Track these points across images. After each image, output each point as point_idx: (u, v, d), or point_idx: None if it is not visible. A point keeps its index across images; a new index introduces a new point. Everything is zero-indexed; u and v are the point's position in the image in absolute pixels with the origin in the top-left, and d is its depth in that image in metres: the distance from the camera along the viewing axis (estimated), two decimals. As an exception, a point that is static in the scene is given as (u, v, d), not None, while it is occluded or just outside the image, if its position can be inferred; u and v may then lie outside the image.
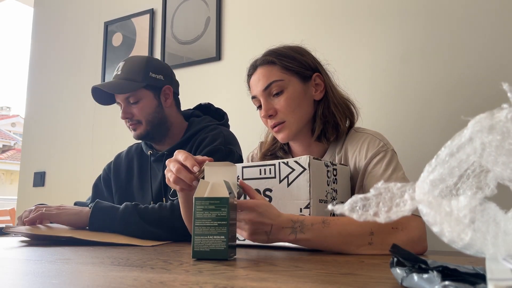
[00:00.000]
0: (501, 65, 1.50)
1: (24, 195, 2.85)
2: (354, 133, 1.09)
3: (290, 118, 1.07)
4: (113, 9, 2.65)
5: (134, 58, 1.42)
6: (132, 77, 1.35)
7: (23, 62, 33.22)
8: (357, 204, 0.39)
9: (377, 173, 0.98)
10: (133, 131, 1.39)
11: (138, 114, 1.37)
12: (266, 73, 1.08)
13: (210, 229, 0.71)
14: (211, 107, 1.54)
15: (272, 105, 1.07)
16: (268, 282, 0.50)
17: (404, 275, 0.45)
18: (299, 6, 1.97)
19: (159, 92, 1.40)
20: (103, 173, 1.55)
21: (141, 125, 1.37)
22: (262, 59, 1.10)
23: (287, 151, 1.19)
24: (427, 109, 1.61)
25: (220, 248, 0.70)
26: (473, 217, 0.35)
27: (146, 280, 0.51)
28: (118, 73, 1.38)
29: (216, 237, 0.70)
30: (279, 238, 0.80)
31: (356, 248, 0.81)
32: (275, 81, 1.06)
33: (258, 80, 1.09)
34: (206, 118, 1.47)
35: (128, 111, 1.37)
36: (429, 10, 1.66)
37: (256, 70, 1.10)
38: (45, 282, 0.52)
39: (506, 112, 0.34)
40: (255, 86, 1.10)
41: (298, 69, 1.08)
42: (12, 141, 16.74)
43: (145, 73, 1.37)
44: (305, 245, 0.82)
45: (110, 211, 1.17)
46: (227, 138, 1.36)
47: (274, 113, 1.07)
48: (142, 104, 1.37)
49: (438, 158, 0.37)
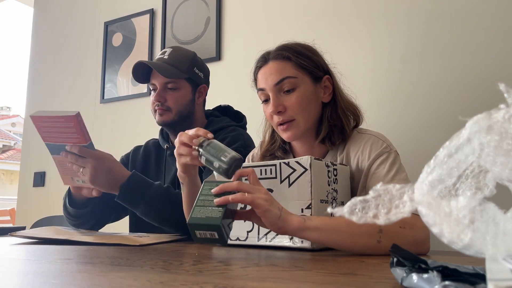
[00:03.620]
0: (500, 65, 1.50)
1: (24, 195, 2.86)
2: (356, 134, 1.09)
3: (299, 117, 1.05)
4: (113, 9, 2.65)
5: (182, 48, 1.45)
6: (178, 65, 1.37)
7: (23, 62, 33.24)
8: (356, 206, 0.39)
9: (380, 174, 0.97)
10: (159, 116, 1.38)
11: (171, 101, 1.37)
12: (280, 68, 1.05)
13: (211, 202, 0.75)
14: (230, 109, 1.56)
15: (282, 101, 1.04)
16: (268, 282, 0.50)
17: (404, 275, 0.45)
18: (299, 6, 1.97)
19: (196, 88, 1.43)
20: (120, 161, 1.52)
21: (170, 113, 1.38)
22: (277, 53, 1.07)
23: (288, 150, 1.17)
24: (427, 109, 1.61)
25: (215, 216, 0.73)
26: (472, 218, 0.35)
27: (146, 280, 0.51)
28: (164, 57, 1.39)
29: (214, 208, 0.74)
30: (289, 219, 0.77)
31: (364, 246, 0.79)
32: (288, 77, 1.04)
33: (269, 74, 1.06)
34: (225, 118, 1.49)
35: (163, 95, 1.37)
36: (429, 11, 1.66)
37: (268, 63, 1.07)
38: (45, 282, 0.52)
39: (503, 113, 0.34)
40: (265, 79, 1.06)
41: (311, 68, 1.07)
42: (12, 141, 16.74)
43: (190, 66, 1.40)
44: (313, 235, 0.79)
45: (144, 184, 1.19)
46: (246, 141, 1.38)
47: (283, 109, 1.04)
48: (179, 94, 1.38)
49: (437, 159, 0.37)
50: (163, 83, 1.37)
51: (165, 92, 1.37)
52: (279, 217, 0.77)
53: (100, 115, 2.59)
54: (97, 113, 2.60)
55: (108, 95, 2.59)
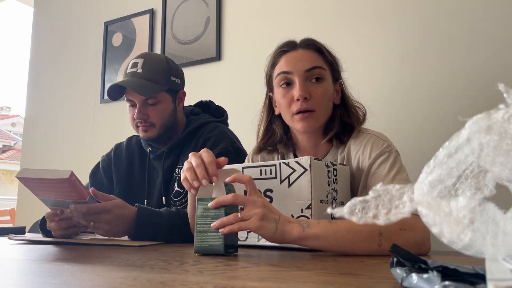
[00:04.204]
0: (500, 66, 1.50)
1: (24, 195, 2.85)
2: (357, 133, 1.09)
3: (320, 110, 1.05)
4: (113, 9, 2.65)
5: (153, 56, 1.36)
6: (155, 78, 1.30)
7: (23, 62, 33.25)
8: (356, 206, 0.39)
9: (381, 174, 0.97)
10: (143, 133, 1.33)
11: (154, 117, 1.32)
12: (312, 56, 1.05)
13: (209, 226, 0.77)
14: (211, 104, 1.53)
15: (308, 88, 1.03)
16: (268, 282, 0.50)
17: (404, 275, 0.45)
18: (298, 6, 1.97)
19: (175, 96, 1.38)
20: (102, 162, 1.49)
21: (154, 128, 1.33)
22: (309, 42, 1.08)
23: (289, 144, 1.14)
24: (427, 110, 1.61)
25: (217, 244, 0.76)
26: (472, 218, 0.35)
27: (146, 280, 0.51)
28: (138, 70, 1.30)
29: (214, 234, 0.77)
30: (287, 230, 0.77)
31: (365, 250, 0.79)
32: (319, 67, 1.05)
33: (300, 59, 1.04)
34: (204, 115, 1.46)
35: (144, 112, 1.31)
36: (429, 11, 1.66)
37: (298, 50, 1.06)
38: (45, 282, 0.52)
39: (503, 113, 0.34)
40: (294, 64, 1.04)
41: (335, 68, 1.10)
42: (12, 141, 16.74)
43: (167, 76, 1.33)
44: (313, 243, 0.78)
45: (155, 218, 1.09)
46: (231, 136, 1.36)
47: (309, 97, 1.03)
48: (161, 107, 1.32)
49: (436, 159, 0.37)
50: (142, 100, 1.30)
51: (145, 108, 1.31)
52: (275, 231, 0.76)
53: (100, 115, 2.59)
54: (97, 113, 2.60)
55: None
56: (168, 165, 1.38)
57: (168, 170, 1.38)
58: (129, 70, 1.31)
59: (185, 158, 1.34)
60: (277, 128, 1.14)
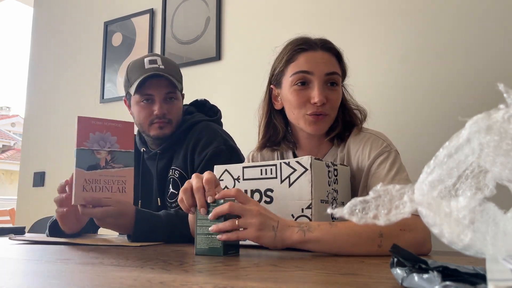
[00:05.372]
0: (500, 66, 1.50)
1: (24, 195, 2.86)
2: (357, 132, 1.09)
3: (332, 114, 1.06)
4: (113, 9, 2.65)
5: (167, 58, 1.40)
6: (174, 75, 1.32)
7: (23, 62, 33.26)
8: (356, 207, 0.39)
9: (381, 174, 0.97)
10: (159, 130, 1.31)
11: (172, 113, 1.33)
12: (332, 61, 1.06)
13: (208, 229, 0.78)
14: (206, 103, 1.53)
15: (326, 93, 1.03)
16: (268, 282, 0.50)
17: (404, 275, 0.45)
18: (298, 6, 1.97)
19: (183, 96, 1.42)
20: None
21: (170, 125, 1.33)
22: (327, 45, 1.07)
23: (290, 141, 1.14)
24: (427, 110, 1.61)
25: (216, 246, 0.77)
26: (472, 218, 0.35)
27: (146, 280, 0.51)
28: (160, 66, 1.30)
29: (213, 236, 0.77)
30: (286, 235, 0.77)
31: (366, 252, 0.79)
32: (337, 73, 1.06)
33: (322, 62, 1.04)
34: (197, 115, 1.45)
35: (165, 107, 1.31)
36: (429, 11, 1.66)
37: (317, 51, 1.05)
38: (45, 282, 0.52)
39: (503, 113, 0.34)
40: (316, 64, 1.03)
41: (345, 73, 1.12)
42: (12, 141, 16.73)
43: (180, 75, 1.39)
44: (314, 247, 0.78)
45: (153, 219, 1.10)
46: (223, 135, 1.36)
47: (326, 101, 1.03)
48: (178, 104, 1.36)
49: (437, 159, 0.37)
50: (164, 94, 1.30)
51: (165, 103, 1.31)
52: (275, 238, 0.76)
53: (100, 115, 2.59)
54: (97, 113, 2.60)
55: (108, 95, 2.59)
56: (162, 167, 1.38)
57: (162, 172, 1.38)
58: (150, 65, 1.30)
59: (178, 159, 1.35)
60: (279, 124, 1.13)
